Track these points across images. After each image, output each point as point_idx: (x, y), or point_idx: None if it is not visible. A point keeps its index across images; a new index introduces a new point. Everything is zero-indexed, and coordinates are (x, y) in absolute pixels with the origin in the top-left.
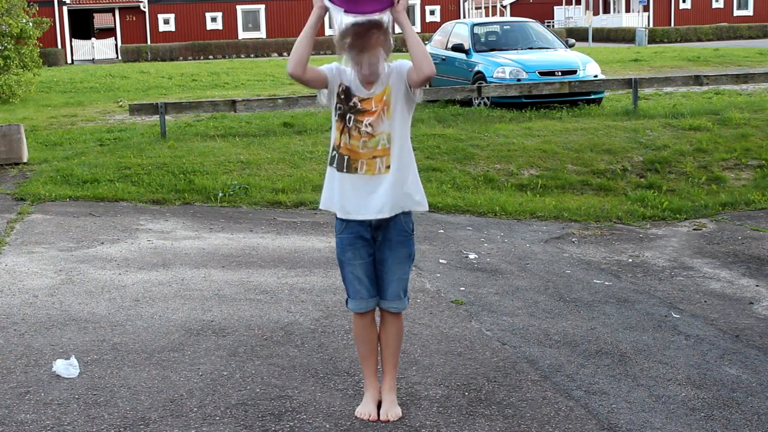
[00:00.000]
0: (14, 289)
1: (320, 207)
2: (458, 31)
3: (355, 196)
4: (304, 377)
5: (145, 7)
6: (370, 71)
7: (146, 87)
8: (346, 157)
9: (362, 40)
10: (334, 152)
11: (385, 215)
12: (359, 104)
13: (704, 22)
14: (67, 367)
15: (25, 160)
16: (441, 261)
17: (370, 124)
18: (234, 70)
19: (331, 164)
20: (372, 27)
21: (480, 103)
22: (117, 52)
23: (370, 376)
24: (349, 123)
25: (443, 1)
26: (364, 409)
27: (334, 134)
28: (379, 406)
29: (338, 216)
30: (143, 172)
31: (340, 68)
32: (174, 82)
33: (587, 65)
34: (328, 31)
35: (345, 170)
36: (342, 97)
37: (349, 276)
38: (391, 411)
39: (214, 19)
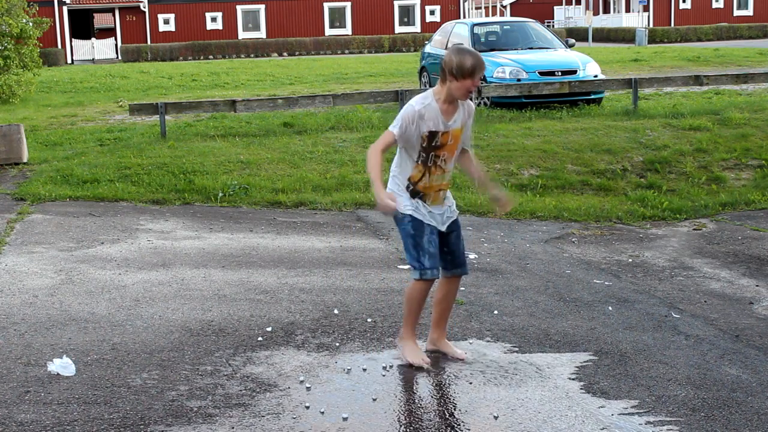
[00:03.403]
0: (14, 289)
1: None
2: (458, 31)
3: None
4: (304, 377)
5: (145, 7)
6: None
7: (146, 87)
8: (420, 193)
9: (482, 71)
10: (410, 185)
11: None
12: (440, 139)
13: (704, 22)
14: (66, 366)
15: (25, 160)
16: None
17: (444, 160)
18: (234, 70)
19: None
20: (484, 64)
21: (480, 103)
22: (117, 52)
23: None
24: (429, 162)
25: (443, 1)
26: (421, 356)
27: (414, 173)
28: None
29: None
30: (143, 172)
31: (421, 113)
32: (174, 82)
33: (587, 65)
34: (328, 32)
35: (419, 199)
36: (425, 144)
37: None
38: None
39: (214, 19)
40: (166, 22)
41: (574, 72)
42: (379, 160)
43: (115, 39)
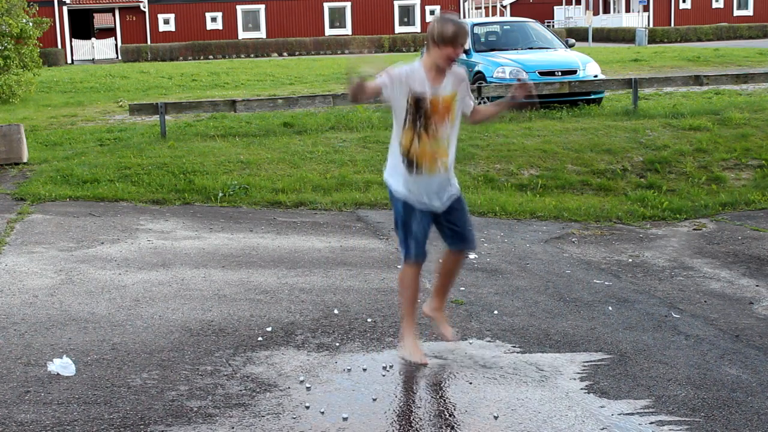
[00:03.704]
0: (14, 289)
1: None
2: None
3: (419, 192)
4: (304, 377)
5: (145, 7)
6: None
7: (146, 87)
8: (415, 162)
9: (464, 39)
10: (404, 157)
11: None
12: (428, 105)
13: (704, 22)
14: (65, 366)
15: (25, 160)
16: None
17: (435, 127)
18: (234, 70)
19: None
20: (467, 32)
21: (480, 103)
22: (117, 52)
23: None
24: (417, 128)
25: (443, 1)
26: (419, 354)
27: (403, 139)
28: None
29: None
30: (143, 172)
31: (407, 74)
32: (174, 82)
33: (587, 65)
34: (328, 32)
35: (414, 172)
36: (412, 109)
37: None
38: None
39: (214, 19)
40: (166, 22)
41: (574, 72)
42: (368, 85)
43: (115, 39)
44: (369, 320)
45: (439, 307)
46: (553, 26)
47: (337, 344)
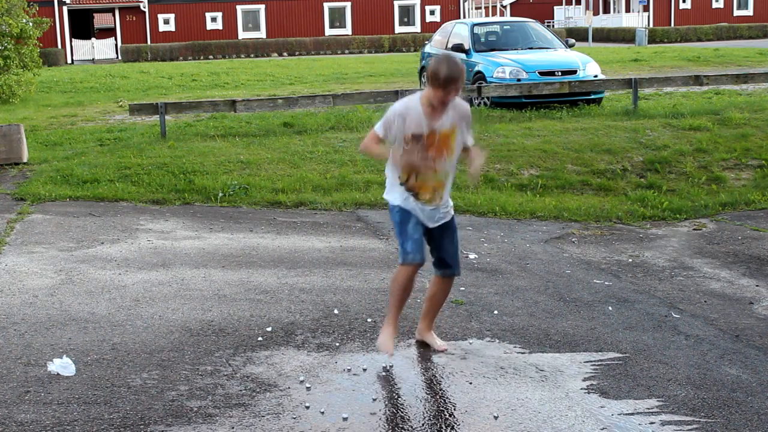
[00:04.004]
0: (14, 289)
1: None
2: (458, 31)
3: (414, 210)
4: (304, 377)
5: (145, 7)
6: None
7: (146, 87)
8: (413, 192)
9: (456, 84)
10: (402, 183)
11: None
12: (426, 141)
13: (704, 22)
14: (65, 366)
15: (25, 160)
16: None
17: (433, 160)
18: (234, 70)
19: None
20: (461, 77)
21: (480, 103)
22: (117, 52)
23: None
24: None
25: (443, 1)
26: (387, 345)
27: (402, 171)
28: None
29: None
30: (143, 172)
31: (402, 115)
32: (174, 82)
33: (587, 65)
34: (328, 32)
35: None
36: (411, 142)
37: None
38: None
39: (214, 19)
40: (166, 22)
41: (574, 72)
42: (374, 144)
43: (115, 39)
44: (369, 320)
45: (427, 328)
46: (553, 26)
47: (337, 344)
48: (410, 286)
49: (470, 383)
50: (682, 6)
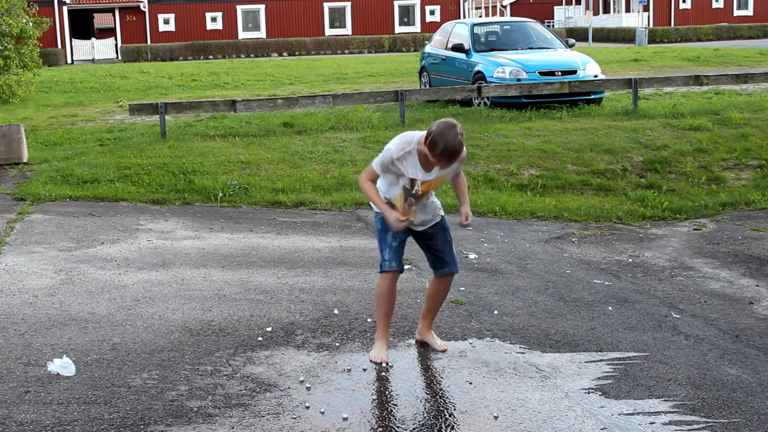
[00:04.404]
0: (14, 289)
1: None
2: (458, 31)
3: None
4: (304, 377)
5: (145, 7)
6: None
7: (146, 87)
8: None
9: (448, 161)
10: (390, 203)
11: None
12: (420, 188)
13: (704, 22)
14: (65, 366)
15: (25, 160)
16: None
17: (426, 195)
18: (234, 70)
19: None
20: (459, 152)
21: (480, 103)
22: (117, 52)
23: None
24: (410, 197)
25: (443, 1)
26: (381, 355)
27: (396, 201)
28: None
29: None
30: (143, 172)
31: (400, 160)
32: (174, 82)
33: (587, 65)
34: (328, 32)
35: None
36: (407, 187)
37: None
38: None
39: (214, 19)
40: (166, 22)
41: (574, 72)
42: (372, 185)
43: (115, 39)
44: (369, 320)
45: (427, 328)
46: (553, 26)
47: (337, 344)
48: (393, 296)
49: (470, 383)
50: (682, 6)
